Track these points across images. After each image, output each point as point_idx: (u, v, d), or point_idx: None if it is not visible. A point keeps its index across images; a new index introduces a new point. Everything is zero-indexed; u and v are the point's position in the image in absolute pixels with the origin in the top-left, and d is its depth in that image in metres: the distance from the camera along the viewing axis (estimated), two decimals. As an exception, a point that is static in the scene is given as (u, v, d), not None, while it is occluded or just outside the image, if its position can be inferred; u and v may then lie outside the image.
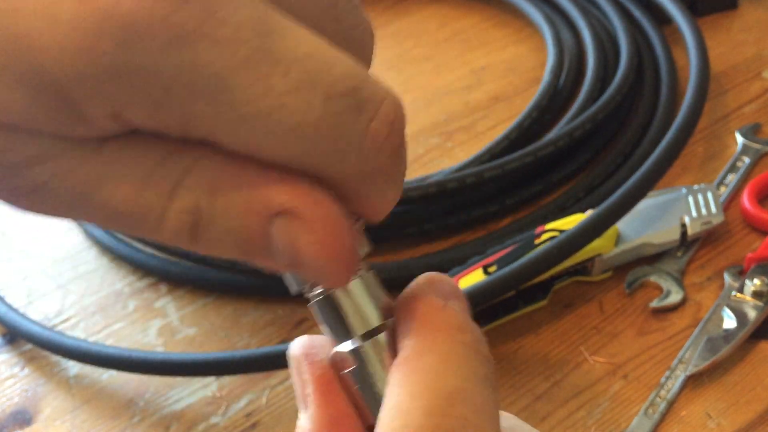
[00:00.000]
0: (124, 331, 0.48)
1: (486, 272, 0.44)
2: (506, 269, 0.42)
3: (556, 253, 0.43)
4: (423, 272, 0.49)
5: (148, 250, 0.52)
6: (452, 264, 0.46)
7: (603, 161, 0.53)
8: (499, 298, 0.43)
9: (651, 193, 0.49)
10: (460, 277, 0.44)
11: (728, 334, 0.42)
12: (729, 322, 0.43)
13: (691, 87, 0.53)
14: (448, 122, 0.61)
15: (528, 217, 0.51)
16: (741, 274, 0.46)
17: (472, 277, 0.44)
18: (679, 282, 0.46)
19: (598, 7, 0.67)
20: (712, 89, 0.60)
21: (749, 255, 0.45)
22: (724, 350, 0.41)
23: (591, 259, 0.46)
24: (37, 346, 0.47)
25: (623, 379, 0.42)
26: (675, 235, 0.47)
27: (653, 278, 0.46)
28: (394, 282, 0.47)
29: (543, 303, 0.46)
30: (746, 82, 0.60)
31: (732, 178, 0.52)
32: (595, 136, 0.55)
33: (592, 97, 0.56)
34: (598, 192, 0.51)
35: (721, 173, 0.52)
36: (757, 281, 0.44)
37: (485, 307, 0.44)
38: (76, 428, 0.44)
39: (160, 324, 0.49)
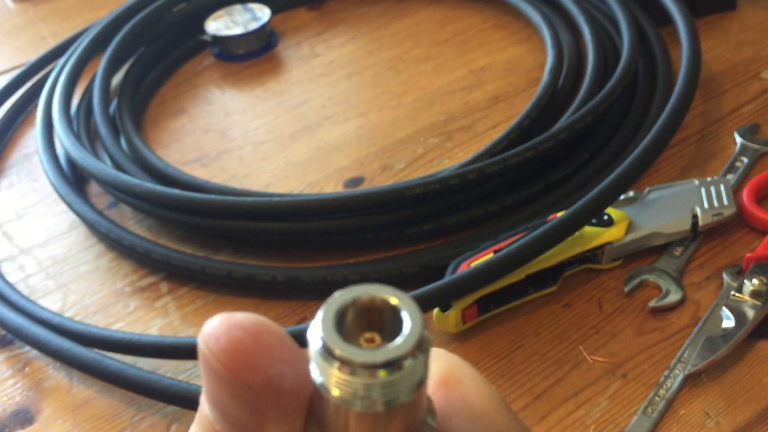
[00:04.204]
0: (125, 330, 0.48)
1: None
2: (502, 252, 0.43)
3: (552, 234, 0.43)
4: (422, 270, 0.50)
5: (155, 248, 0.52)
6: (451, 261, 0.46)
7: (595, 162, 0.53)
8: (500, 278, 0.43)
9: (663, 185, 0.50)
10: (471, 261, 0.44)
11: (727, 334, 0.42)
12: (728, 321, 0.43)
13: (680, 80, 0.54)
14: (447, 122, 0.61)
15: (527, 212, 0.51)
16: (740, 273, 0.46)
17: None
18: (678, 281, 0.46)
19: (598, 8, 0.67)
20: (711, 89, 0.60)
21: (748, 255, 0.46)
22: (723, 350, 0.42)
23: (601, 247, 0.46)
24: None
25: (622, 378, 0.42)
26: (686, 225, 0.47)
27: (652, 278, 0.46)
28: (392, 281, 0.48)
29: (553, 289, 0.46)
30: (745, 82, 0.60)
31: (731, 179, 0.52)
32: (593, 136, 0.55)
33: (592, 94, 0.57)
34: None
35: (720, 173, 0.53)
36: (755, 281, 0.44)
37: (496, 291, 0.44)
38: (77, 427, 0.44)
39: (161, 323, 0.49)
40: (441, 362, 0.19)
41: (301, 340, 0.41)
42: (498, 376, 0.43)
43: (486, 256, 0.44)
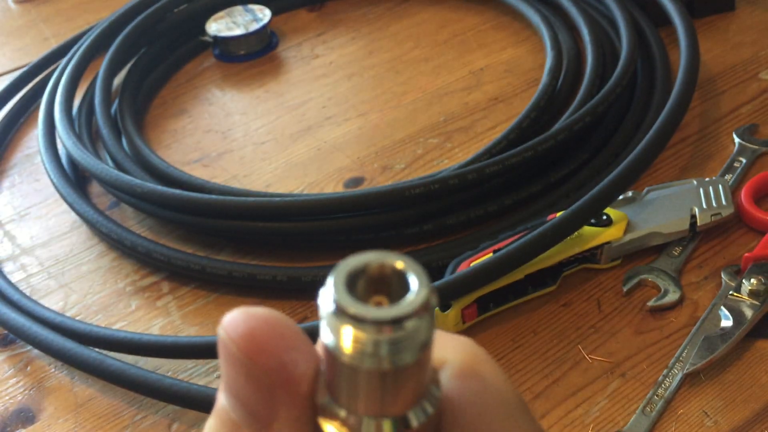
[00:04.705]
0: (127, 330, 0.49)
1: None
2: (502, 252, 0.43)
3: (551, 234, 0.44)
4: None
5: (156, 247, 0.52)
6: (451, 261, 0.46)
7: (594, 162, 0.54)
8: (499, 277, 0.44)
9: (662, 185, 0.50)
10: (471, 261, 0.45)
11: (725, 333, 0.43)
12: (726, 321, 0.43)
13: (679, 81, 0.54)
14: (447, 123, 0.61)
15: (527, 212, 0.51)
16: (738, 273, 0.46)
17: None
18: (677, 281, 0.46)
19: (597, 9, 0.67)
20: (709, 90, 0.60)
21: (746, 254, 0.46)
22: (721, 349, 0.42)
23: (600, 247, 0.46)
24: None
25: (621, 377, 0.42)
26: (684, 225, 0.48)
27: (651, 277, 0.46)
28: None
29: (552, 288, 0.47)
30: (743, 83, 0.61)
31: (729, 179, 0.52)
32: (591, 137, 0.55)
33: (591, 94, 0.57)
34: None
35: (719, 173, 0.53)
36: (753, 281, 0.44)
37: (496, 290, 0.44)
38: (78, 426, 0.44)
39: (162, 323, 0.49)
40: (464, 353, 0.19)
41: None
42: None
43: (485, 256, 0.45)
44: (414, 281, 0.17)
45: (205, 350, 0.45)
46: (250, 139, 0.63)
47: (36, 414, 0.45)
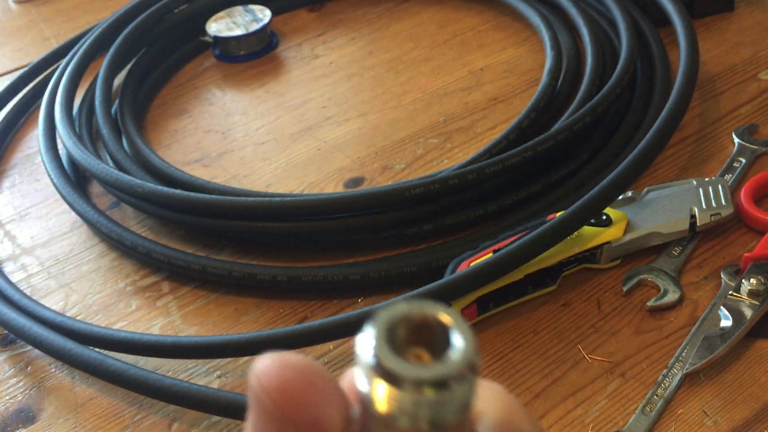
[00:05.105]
0: (127, 330, 0.49)
1: None
2: (502, 252, 0.43)
3: (550, 234, 0.44)
4: (422, 270, 0.50)
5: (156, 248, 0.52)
6: (451, 261, 0.46)
7: (594, 162, 0.54)
8: (499, 277, 0.44)
9: (661, 185, 0.50)
10: (471, 261, 0.45)
11: (725, 333, 0.43)
12: (725, 321, 0.43)
13: (678, 81, 0.54)
14: (447, 123, 0.62)
15: (527, 212, 0.51)
16: (738, 273, 0.46)
17: None
18: (676, 281, 0.46)
19: (597, 10, 0.67)
20: (709, 90, 0.60)
21: (746, 254, 0.46)
22: (721, 349, 0.42)
23: (600, 247, 0.46)
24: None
25: (621, 377, 0.43)
26: (684, 225, 0.48)
27: (650, 277, 0.47)
28: (392, 281, 0.48)
29: (552, 288, 0.47)
30: (742, 83, 0.61)
31: (729, 179, 0.52)
32: (591, 137, 0.55)
33: (591, 94, 0.57)
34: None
35: (718, 174, 0.53)
36: (753, 280, 0.44)
37: (495, 290, 0.44)
38: (78, 426, 0.44)
39: (163, 323, 0.49)
40: (499, 404, 0.18)
41: (304, 340, 0.41)
42: (497, 375, 0.44)
43: (485, 256, 0.45)
44: (459, 338, 0.15)
45: (205, 350, 0.45)
46: (250, 139, 0.63)
47: (36, 414, 0.45)
